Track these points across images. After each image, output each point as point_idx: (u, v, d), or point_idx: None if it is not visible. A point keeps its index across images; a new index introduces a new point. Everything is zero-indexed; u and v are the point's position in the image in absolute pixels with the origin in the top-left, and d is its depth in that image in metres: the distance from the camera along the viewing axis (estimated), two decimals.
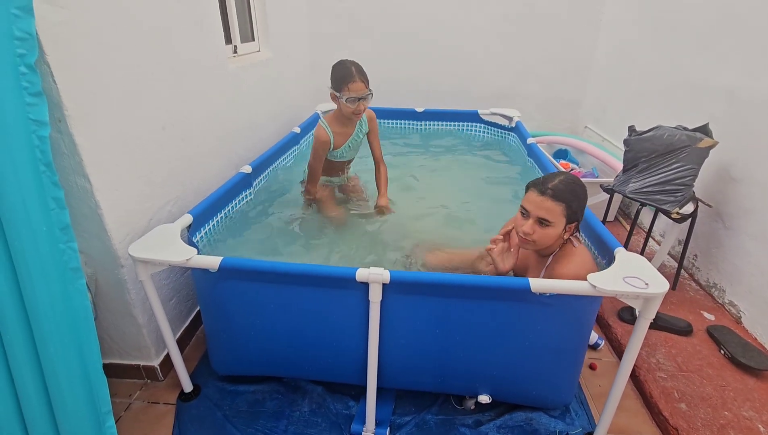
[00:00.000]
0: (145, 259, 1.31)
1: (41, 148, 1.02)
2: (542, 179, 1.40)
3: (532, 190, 1.38)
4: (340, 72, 1.88)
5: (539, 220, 1.36)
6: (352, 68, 1.86)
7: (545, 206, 1.34)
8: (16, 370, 1.14)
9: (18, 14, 0.94)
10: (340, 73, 1.88)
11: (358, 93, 1.88)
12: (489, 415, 1.57)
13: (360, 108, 1.93)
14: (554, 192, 1.33)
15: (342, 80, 1.87)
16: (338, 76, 1.88)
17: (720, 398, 1.59)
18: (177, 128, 1.73)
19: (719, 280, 2.12)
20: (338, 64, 1.91)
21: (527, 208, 1.38)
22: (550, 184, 1.35)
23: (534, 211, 1.36)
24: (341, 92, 1.88)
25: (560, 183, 1.35)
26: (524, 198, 1.41)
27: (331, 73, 1.91)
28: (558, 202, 1.33)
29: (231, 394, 1.65)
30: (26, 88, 0.98)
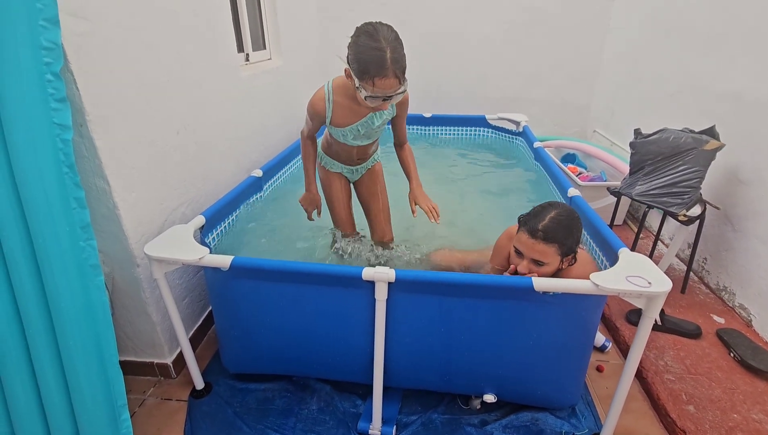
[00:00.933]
0: (160, 258, 1.36)
1: (64, 151, 1.08)
2: (533, 217, 1.36)
3: (523, 232, 1.36)
4: (367, 54, 1.28)
5: (533, 261, 1.36)
6: (386, 55, 1.26)
7: (537, 249, 1.32)
8: (37, 362, 1.19)
9: (45, 26, 1.00)
10: (367, 57, 1.28)
11: (386, 91, 1.34)
12: (495, 414, 1.58)
13: (383, 106, 1.46)
14: (545, 234, 1.30)
15: (367, 69, 1.29)
16: (363, 60, 1.29)
17: (729, 401, 1.58)
18: (191, 133, 1.80)
19: (729, 283, 2.11)
20: (366, 36, 1.28)
21: (520, 249, 1.36)
22: (541, 224, 1.31)
23: (527, 253, 1.35)
24: (362, 83, 1.33)
25: (551, 221, 1.32)
26: (516, 238, 1.39)
27: (352, 43, 1.32)
28: (550, 244, 1.31)
29: (241, 391, 1.68)
30: (52, 94, 1.04)
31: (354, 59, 1.33)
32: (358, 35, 1.32)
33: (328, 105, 1.55)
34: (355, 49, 1.31)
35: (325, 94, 1.54)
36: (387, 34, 1.30)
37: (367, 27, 1.32)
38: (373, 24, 1.32)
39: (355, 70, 1.35)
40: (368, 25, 1.32)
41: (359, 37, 1.31)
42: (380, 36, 1.28)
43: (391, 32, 1.32)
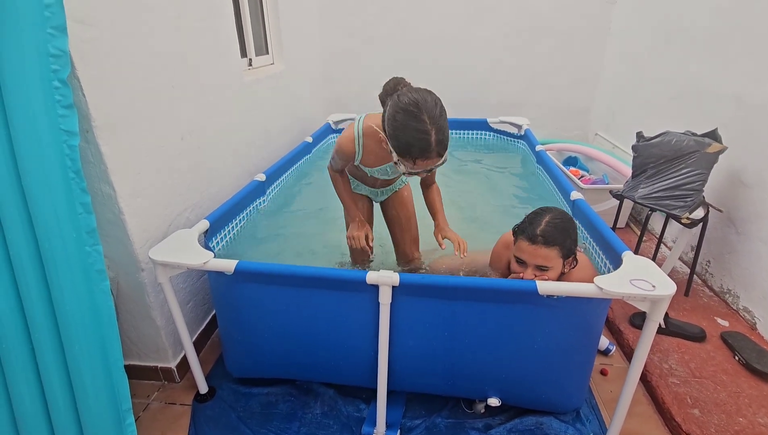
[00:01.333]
0: (165, 262, 1.37)
1: (71, 157, 1.09)
2: (529, 224, 1.36)
3: (522, 240, 1.36)
4: (410, 136, 1.17)
5: (537, 267, 1.35)
6: (431, 138, 1.16)
7: (540, 254, 1.32)
8: (43, 366, 1.20)
9: (53, 33, 1.01)
10: (410, 139, 1.17)
11: (426, 167, 1.27)
12: (499, 419, 1.58)
13: (422, 175, 1.37)
14: (545, 238, 1.31)
15: (409, 151, 1.20)
16: (406, 141, 1.18)
17: (734, 404, 1.58)
18: (195, 138, 1.81)
19: (733, 286, 2.10)
20: (410, 116, 1.15)
21: (522, 257, 1.36)
22: (539, 229, 1.32)
23: (530, 260, 1.35)
24: (403, 159, 1.23)
25: (548, 225, 1.33)
26: (516, 247, 1.39)
27: (392, 118, 1.19)
28: (551, 247, 1.31)
29: (245, 395, 1.68)
30: (59, 101, 1.05)
31: (394, 136, 1.19)
32: (399, 111, 1.16)
33: (358, 149, 1.48)
34: (396, 126, 1.17)
35: (354, 138, 1.46)
36: (432, 110, 1.16)
37: (410, 104, 1.15)
38: (416, 99, 1.15)
39: (394, 147, 1.22)
40: (411, 102, 1.15)
41: (401, 115, 1.15)
42: (425, 116, 1.14)
43: (435, 106, 1.18)
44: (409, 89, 1.23)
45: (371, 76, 3.82)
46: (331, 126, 3.21)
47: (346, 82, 3.84)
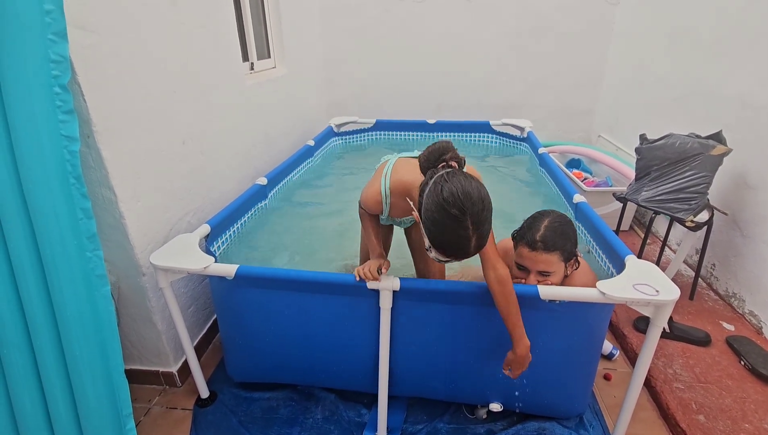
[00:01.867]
0: (166, 267, 1.36)
1: (71, 162, 1.09)
2: (528, 230, 1.34)
3: (522, 246, 1.34)
4: (449, 236, 1.06)
5: (539, 273, 1.33)
6: (472, 242, 1.06)
7: (541, 260, 1.31)
8: (44, 371, 1.20)
9: (54, 39, 1.02)
10: (449, 239, 1.06)
11: (459, 261, 1.18)
12: (501, 424, 1.56)
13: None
14: (545, 243, 1.29)
15: (445, 249, 1.09)
16: (444, 240, 1.07)
17: (740, 410, 1.56)
18: (196, 142, 1.81)
19: (738, 289, 2.08)
20: (451, 218, 1.03)
21: (524, 264, 1.34)
22: (538, 235, 1.31)
23: (531, 266, 1.33)
24: (436, 251, 1.10)
25: (547, 230, 1.31)
26: (517, 254, 1.37)
27: (431, 212, 1.06)
28: (552, 252, 1.30)
29: (246, 400, 1.68)
30: (60, 106, 1.05)
31: (430, 228, 1.08)
32: (440, 208, 1.04)
33: (385, 206, 1.36)
34: (434, 221, 1.06)
35: (382, 196, 1.33)
36: (475, 210, 1.03)
37: (453, 205, 1.02)
38: (460, 200, 1.02)
39: (428, 236, 1.10)
40: (454, 202, 1.02)
41: (441, 214, 1.03)
42: (468, 220, 1.02)
43: (480, 203, 1.04)
44: (454, 177, 1.06)
45: (373, 79, 3.82)
46: (333, 129, 3.21)
47: (347, 85, 3.84)
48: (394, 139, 3.42)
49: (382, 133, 3.42)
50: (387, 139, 3.42)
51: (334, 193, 2.53)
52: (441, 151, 1.20)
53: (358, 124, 3.34)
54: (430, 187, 1.09)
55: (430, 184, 1.10)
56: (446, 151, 1.20)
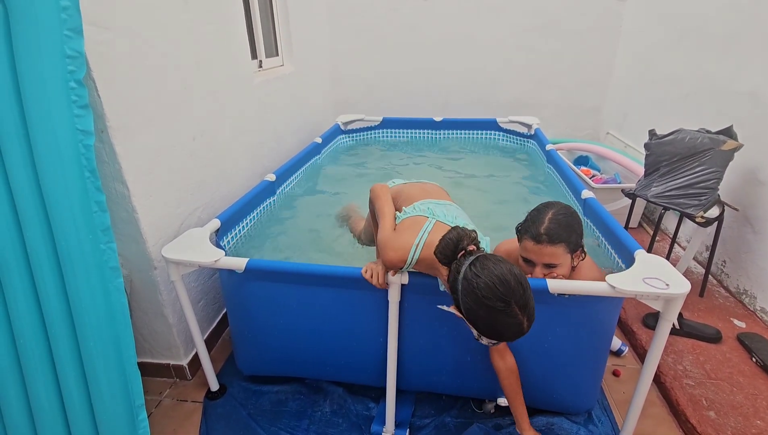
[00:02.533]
0: (177, 260, 1.38)
1: (86, 156, 1.11)
2: (532, 223, 1.33)
3: (527, 240, 1.32)
4: (502, 328, 1.03)
5: (545, 266, 1.32)
6: (524, 325, 1.02)
7: (546, 253, 1.29)
8: (58, 362, 1.22)
9: (70, 35, 1.04)
10: (502, 328, 1.03)
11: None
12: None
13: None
14: (549, 236, 1.28)
15: (499, 337, 1.06)
16: (497, 330, 1.04)
17: (752, 407, 1.54)
18: (206, 139, 1.83)
19: (750, 286, 2.06)
20: (500, 313, 1.01)
21: (530, 258, 1.33)
22: (542, 227, 1.29)
23: (537, 259, 1.31)
24: (489, 338, 1.09)
25: (551, 222, 1.30)
26: (522, 247, 1.35)
27: (476, 305, 1.03)
28: (557, 244, 1.29)
29: (255, 393, 1.70)
30: (75, 101, 1.07)
31: (480, 326, 1.05)
32: (481, 306, 1.01)
33: (406, 268, 1.30)
34: (480, 318, 1.04)
35: (407, 261, 1.25)
36: (518, 293, 1.00)
37: (494, 298, 0.99)
38: (499, 290, 1.00)
39: (482, 333, 1.07)
40: (494, 294, 1.00)
41: (485, 311, 1.01)
42: (515, 307, 1.00)
43: (520, 286, 1.01)
44: (485, 268, 1.03)
45: (380, 77, 3.83)
46: (340, 127, 3.23)
47: (355, 83, 3.85)
48: (400, 138, 3.42)
49: (389, 131, 3.42)
50: (394, 137, 3.43)
51: (341, 188, 2.55)
52: (456, 242, 1.14)
53: (365, 122, 3.35)
54: (463, 284, 1.05)
55: (462, 281, 1.06)
56: (460, 239, 1.14)
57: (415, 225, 1.32)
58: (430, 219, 1.34)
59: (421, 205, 1.44)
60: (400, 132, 3.42)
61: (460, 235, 1.15)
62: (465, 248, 1.13)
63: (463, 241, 1.14)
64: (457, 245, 1.13)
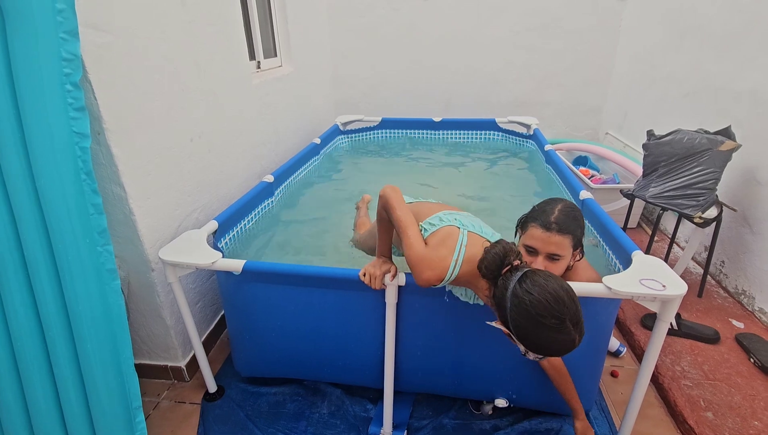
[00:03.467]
0: (174, 262, 1.38)
1: (83, 158, 1.11)
2: (541, 213, 1.32)
3: (535, 227, 1.30)
4: (553, 345, 1.02)
5: (549, 256, 1.29)
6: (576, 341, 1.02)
7: (554, 241, 1.27)
8: (56, 364, 1.22)
9: (66, 38, 1.04)
10: (554, 347, 1.03)
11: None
12: (507, 420, 1.56)
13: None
14: (559, 226, 1.27)
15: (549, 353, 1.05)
16: (547, 348, 1.03)
17: (749, 407, 1.54)
18: (204, 140, 1.83)
19: (748, 286, 2.06)
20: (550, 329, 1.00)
21: (534, 245, 1.29)
22: (552, 217, 1.28)
23: (542, 248, 1.28)
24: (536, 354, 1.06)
25: (561, 214, 1.29)
26: (527, 235, 1.33)
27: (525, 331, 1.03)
28: (565, 234, 1.27)
29: (253, 395, 1.70)
30: (71, 103, 1.07)
31: (530, 343, 1.03)
32: (532, 323, 1.00)
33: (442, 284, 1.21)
34: (529, 335, 1.02)
35: (446, 279, 1.18)
36: (571, 310, 1.00)
37: (547, 315, 0.99)
38: (551, 306, 0.99)
39: (529, 348, 1.05)
40: (546, 311, 0.99)
41: (535, 327, 1.00)
42: (568, 324, 0.99)
43: (572, 302, 1.01)
44: (535, 284, 1.02)
45: (380, 77, 3.83)
46: (339, 127, 3.23)
47: (354, 84, 3.85)
48: (400, 138, 3.42)
49: (388, 132, 3.42)
50: (393, 138, 3.43)
51: (340, 189, 2.55)
52: (502, 257, 1.10)
53: (364, 123, 3.35)
54: (512, 301, 1.03)
55: (511, 298, 1.04)
56: (506, 255, 1.11)
57: (449, 238, 1.23)
58: (462, 230, 1.25)
59: (446, 215, 1.33)
60: (399, 132, 3.43)
61: (506, 249, 1.11)
62: (511, 263, 1.10)
63: (510, 256, 1.10)
64: (503, 260, 1.10)
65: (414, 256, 1.19)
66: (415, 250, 1.19)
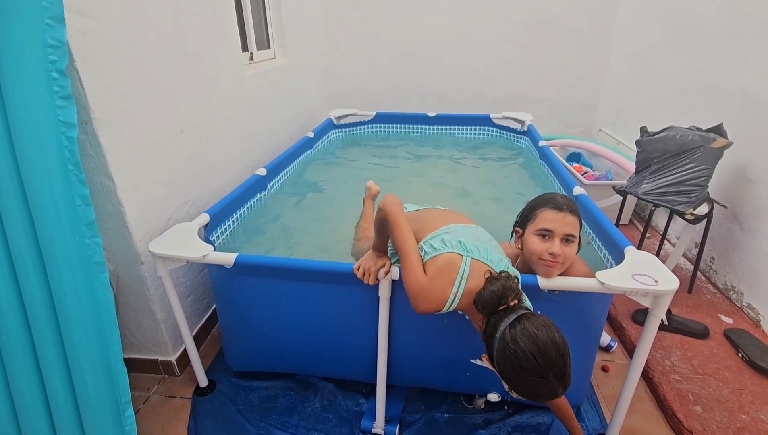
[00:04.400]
0: (164, 255, 1.36)
1: (69, 148, 1.08)
2: (547, 199, 1.31)
3: (546, 210, 1.27)
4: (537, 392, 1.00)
5: (565, 238, 1.25)
6: (559, 391, 0.99)
7: (568, 221, 1.25)
8: (42, 358, 1.20)
9: (51, 24, 1.01)
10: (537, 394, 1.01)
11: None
12: (499, 414, 1.57)
13: None
14: (569, 206, 1.28)
15: (534, 398, 1.03)
16: (531, 393, 1.01)
17: (737, 401, 1.56)
18: (195, 132, 1.80)
19: (737, 283, 2.08)
20: (535, 377, 0.97)
21: (550, 227, 1.25)
22: (561, 199, 1.29)
23: (559, 228, 1.25)
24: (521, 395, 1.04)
25: (565, 198, 1.31)
26: (538, 220, 1.28)
27: (512, 375, 1.01)
28: (576, 216, 1.28)
29: (245, 389, 1.69)
30: (57, 92, 1.04)
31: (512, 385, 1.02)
32: (518, 369, 0.98)
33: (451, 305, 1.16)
34: (516, 381, 1.00)
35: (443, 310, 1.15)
36: (558, 364, 0.96)
37: (532, 365, 0.96)
38: (539, 359, 0.96)
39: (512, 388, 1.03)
40: (532, 362, 0.96)
41: (521, 374, 0.98)
42: (553, 378, 0.97)
43: (558, 358, 0.97)
44: (524, 333, 0.99)
45: (374, 71, 3.80)
46: (333, 121, 3.20)
47: (348, 77, 3.82)
48: (394, 133, 3.40)
49: (383, 126, 3.40)
50: (387, 132, 3.41)
51: (333, 183, 2.53)
52: (499, 296, 1.07)
53: (358, 117, 3.32)
54: (499, 344, 1.01)
55: (498, 341, 1.02)
56: (504, 295, 1.07)
57: (450, 268, 1.16)
58: (465, 257, 1.18)
59: (448, 236, 1.26)
60: (392, 127, 3.41)
61: (505, 288, 1.08)
62: (507, 303, 1.07)
63: (508, 295, 1.07)
64: (500, 300, 1.07)
65: (412, 286, 1.15)
66: (413, 279, 1.15)
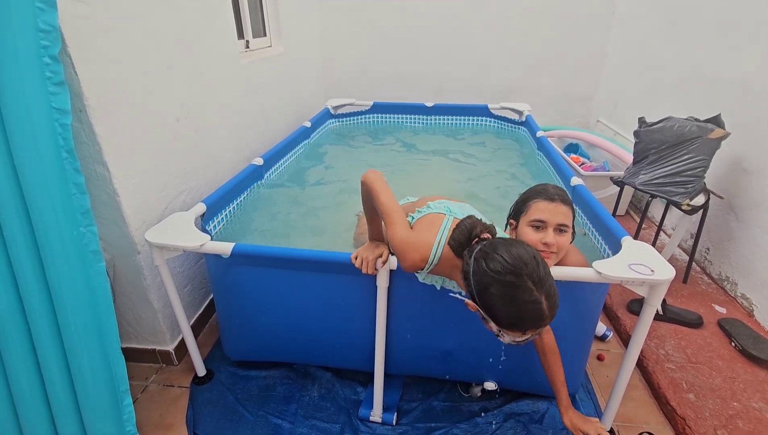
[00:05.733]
0: (161, 245, 1.36)
1: (63, 136, 1.07)
2: (540, 191, 1.31)
3: (539, 201, 1.28)
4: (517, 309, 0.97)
5: (558, 228, 1.26)
6: (543, 307, 0.97)
7: (561, 211, 1.26)
8: (40, 349, 1.20)
9: (42, 8, 0.98)
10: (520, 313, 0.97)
11: (538, 333, 1.03)
12: (495, 402, 1.59)
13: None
14: (561, 196, 1.28)
15: (520, 325, 0.99)
16: (514, 316, 0.97)
17: (729, 389, 1.58)
18: (191, 120, 1.78)
19: (731, 273, 2.10)
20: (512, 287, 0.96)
21: (543, 218, 1.26)
22: (552, 189, 1.30)
23: (552, 218, 1.25)
24: (508, 332, 1.01)
25: (557, 189, 1.31)
26: (531, 211, 1.29)
27: (487, 291, 0.99)
28: (568, 205, 1.28)
29: (243, 378, 1.69)
30: (50, 78, 1.02)
31: (491, 311, 0.99)
32: (493, 282, 0.97)
33: (427, 267, 1.20)
34: (493, 301, 0.98)
35: (429, 261, 1.18)
36: (535, 271, 0.96)
37: (507, 272, 0.96)
38: (512, 263, 0.96)
39: (494, 320, 1.01)
40: (507, 268, 0.96)
41: (498, 287, 0.96)
42: (527, 280, 0.95)
43: (537, 265, 0.97)
44: (495, 246, 1.01)
45: (371, 60, 3.77)
46: (330, 111, 3.18)
47: (345, 66, 3.79)
48: (391, 123, 3.38)
49: (380, 116, 3.38)
50: (384, 122, 3.39)
51: (330, 173, 2.52)
52: (469, 229, 1.10)
53: (355, 107, 3.30)
54: (473, 266, 1.02)
55: (472, 264, 1.02)
56: (473, 227, 1.11)
57: (433, 223, 1.23)
58: (448, 216, 1.25)
59: (436, 204, 1.33)
60: (390, 117, 3.39)
61: (474, 222, 1.11)
62: (479, 236, 1.08)
63: (477, 227, 1.10)
64: (471, 232, 1.09)
65: (398, 240, 1.17)
66: (399, 235, 1.18)
